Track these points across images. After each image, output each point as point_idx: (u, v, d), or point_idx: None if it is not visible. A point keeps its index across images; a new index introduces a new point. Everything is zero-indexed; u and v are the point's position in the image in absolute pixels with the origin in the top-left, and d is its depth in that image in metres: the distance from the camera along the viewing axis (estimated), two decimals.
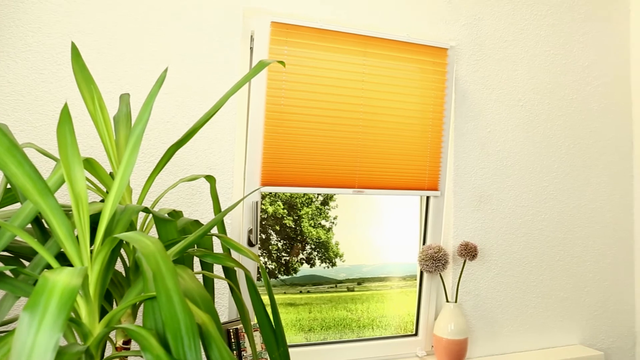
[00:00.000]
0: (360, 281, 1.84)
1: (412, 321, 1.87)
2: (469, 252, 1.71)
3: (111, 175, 0.96)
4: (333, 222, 1.82)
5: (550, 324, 1.97)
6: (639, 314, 2.08)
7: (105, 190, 0.99)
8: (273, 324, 0.84)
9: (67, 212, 0.79)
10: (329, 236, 1.81)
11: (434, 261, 1.65)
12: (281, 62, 0.88)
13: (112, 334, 0.95)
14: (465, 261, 1.78)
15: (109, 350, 1.31)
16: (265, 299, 0.88)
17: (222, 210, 1.43)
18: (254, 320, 1.50)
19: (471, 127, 1.86)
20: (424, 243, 1.85)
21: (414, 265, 1.85)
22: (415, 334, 1.85)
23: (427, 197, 1.85)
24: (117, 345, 0.81)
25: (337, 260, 1.82)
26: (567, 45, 2.06)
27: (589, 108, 2.09)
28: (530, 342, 1.95)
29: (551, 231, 1.99)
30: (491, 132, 1.89)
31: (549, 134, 2.00)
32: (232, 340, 1.36)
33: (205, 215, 1.51)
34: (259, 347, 1.36)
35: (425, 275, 1.84)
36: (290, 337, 1.73)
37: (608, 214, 2.09)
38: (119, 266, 1.30)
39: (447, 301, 1.71)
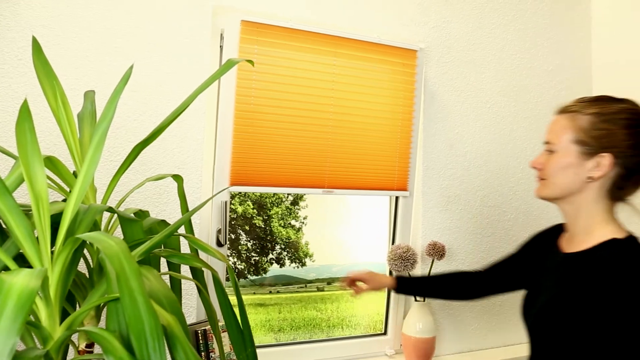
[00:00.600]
0: (330, 281, 1.85)
1: (382, 320, 1.89)
2: (437, 251, 1.74)
3: (74, 174, 0.93)
4: (303, 222, 1.82)
5: (515, 321, 2.01)
6: None
7: (68, 189, 0.97)
8: (241, 324, 0.84)
9: (27, 212, 0.76)
10: (298, 236, 1.81)
11: (402, 261, 1.67)
12: (250, 61, 0.88)
13: (75, 338, 0.93)
14: (433, 261, 1.80)
15: (72, 354, 1.28)
16: (234, 299, 0.87)
17: (190, 210, 1.41)
18: (222, 321, 1.48)
19: (440, 128, 1.89)
20: (393, 243, 1.87)
21: (383, 264, 1.87)
22: (384, 333, 1.87)
23: (397, 197, 1.87)
24: (80, 349, 0.79)
25: (307, 260, 1.82)
26: (532, 50, 2.11)
27: (553, 110, 2.14)
28: (496, 340, 1.99)
29: (517, 231, 2.03)
30: (459, 133, 1.93)
31: (515, 136, 2.05)
32: (200, 342, 1.35)
33: (173, 215, 1.48)
34: (227, 348, 1.34)
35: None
36: (260, 337, 1.72)
37: None
38: (82, 268, 1.27)
39: (416, 300, 1.73)
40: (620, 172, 0.98)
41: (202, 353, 1.34)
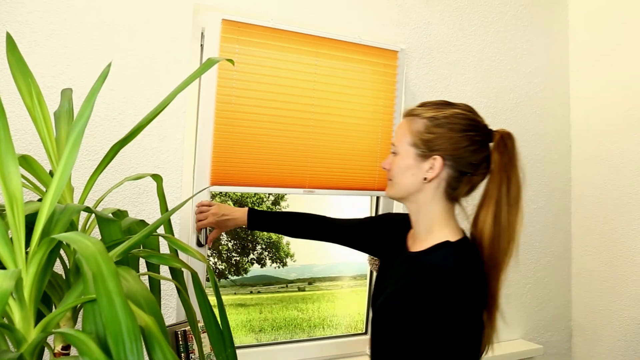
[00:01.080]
0: (311, 281, 1.85)
1: (362, 320, 1.90)
2: None
3: (51, 173, 0.92)
4: None
5: None
6: (575, 308, 2.20)
7: (44, 189, 0.95)
8: (220, 325, 0.83)
9: (0, 212, 0.75)
10: (279, 236, 1.80)
11: None
12: (230, 60, 0.87)
13: (51, 340, 0.91)
14: None
15: (47, 357, 1.25)
16: (214, 299, 0.87)
17: (170, 210, 1.40)
18: (202, 322, 1.47)
19: None
20: None
21: (364, 264, 1.87)
22: (365, 333, 1.88)
23: (377, 197, 1.88)
24: (56, 351, 0.77)
25: (288, 260, 1.82)
26: (511, 52, 2.15)
27: (531, 112, 2.19)
28: None
29: None
30: None
31: None
32: (180, 343, 1.33)
33: (153, 215, 1.47)
34: (207, 349, 1.33)
35: (374, 274, 1.87)
36: (241, 338, 1.71)
37: (548, 214, 2.20)
38: (59, 269, 1.25)
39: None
40: (451, 174, 1.02)
41: (182, 354, 1.33)
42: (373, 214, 1.89)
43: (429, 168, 1.02)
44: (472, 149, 1.02)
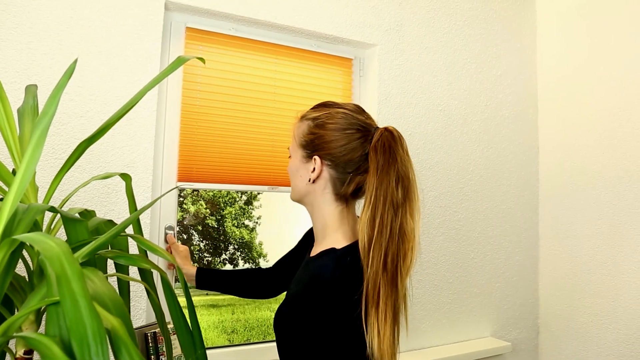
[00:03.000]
0: None
1: None
2: None
3: (13, 172, 0.89)
4: (257, 222, 1.81)
5: (464, 318, 2.08)
6: (542, 306, 2.26)
7: (6, 188, 0.92)
8: (190, 326, 0.82)
9: None
10: (252, 236, 1.79)
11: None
12: (201, 59, 0.86)
13: (13, 344, 0.88)
14: None
15: None
16: (184, 300, 0.86)
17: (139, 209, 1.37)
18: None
19: None
20: None
21: None
22: None
23: None
24: (17, 356, 0.75)
25: (261, 260, 1.81)
26: (481, 55, 2.19)
27: (501, 114, 2.23)
28: (446, 337, 2.04)
29: (466, 231, 2.10)
30: (412, 134, 1.96)
31: (465, 138, 2.12)
32: (150, 345, 1.31)
33: (122, 215, 1.44)
34: (177, 351, 1.32)
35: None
36: (213, 339, 1.69)
37: (517, 214, 2.25)
38: (22, 271, 1.21)
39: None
40: (334, 174, 1.00)
41: (152, 356, 1.31)
42: None
43: (312, 169, 1.01)
44: (349, 148, 0.98)
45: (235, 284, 1.39)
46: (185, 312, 0.84)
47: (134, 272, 1.40)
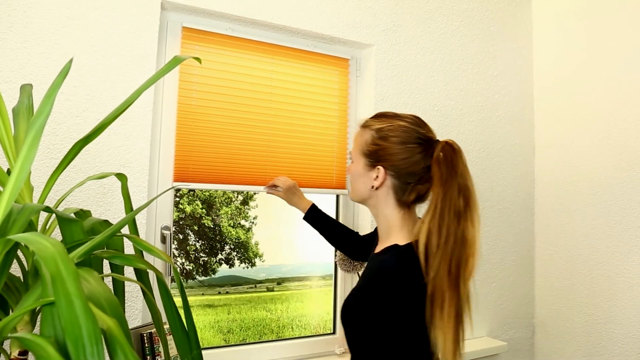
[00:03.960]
0: (279, 281, 1.85)
1: (331, 320, 1.90)
2: None
3: (8, 172, 0.88)
4: (253, 222, 1.81)
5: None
6: (538, 306, 2.26)
7: (1, 188, 0.92)
8: (186, 326, 0.82)
9: None
10: (248, 236, 1.79)
11: (350, 261, 1.69)
12: (197, 59, 0.86)
13: (7, 345, 0.88)
14: None
15: None
16: (179, 301, 0.86)
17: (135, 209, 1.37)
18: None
19: None
20: None
21: (332, 264, 1.88)
22: (334, 333, 1.88)
23: (337, 195, 1.91)
24: (12, 357, 0.75)
25: (257, 260, 1.81)
26: (478, 56, 2.19)
27: (497, 115, 2.23)
28: None
29: None
30: None
31: (462, 139, 2.12)
32: (146, 345, 1.31)
33: (118, 216, 1.43)
34: (174, 351, 1.31)
35: (340, 274, 1.87)
36: (209, 339, 1.69)
37: (512, 214, 2.25)
38: (17, 271, 1.20)
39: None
40: (396, 183, 1.07)
41: (148, 357, 1.31)
42: (337, 214, 1.91)
43: (375, 177, 1.08)
44: (412, 161, 1.05)
45: (337, 234, 1.55)
46: (181, 312, 0.84)
47: (129, 272, 1.40)
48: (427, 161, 1.05)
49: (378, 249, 1.11)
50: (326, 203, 1.92)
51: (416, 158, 1.05)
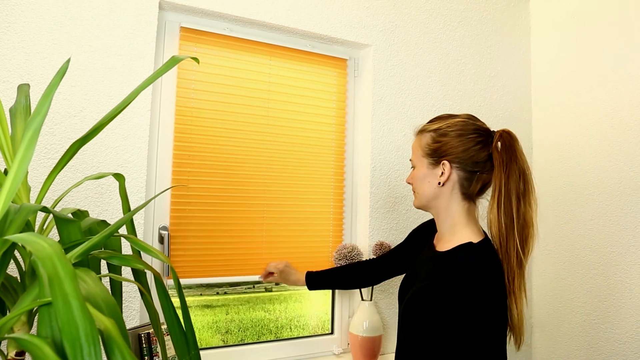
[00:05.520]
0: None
1: (329, 320, 1.90)
2: (383, 251, 1.77)
3: (5, 172, 0.88)
4: None
5: None
6: (536, 306, 2.27)
7: None
8: (184, 327, 0.82)
9: None
10: None
11: (347, 260, 1.69)
12: (195, 59, 0.86)
13: (4, 346, 0.88)
14: None
15: None
16: (177, 301, 0.85)
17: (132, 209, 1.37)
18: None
19: (387, 129, 1.93)
20: None
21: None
22: (332, 333, 1.88)
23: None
24: (9, 358, 0.74)
25: None
26: (476, 56, 2.19)
27: (495, 115, 2.24)
28: None
29: None
30: (406, 135, 1.97)
31: None
32: (144, 346, 1.31)
33: (115, 216, 1.43)
34: (171, 352, 1.31)
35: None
36: (207, 339, 1.69)
37: None
38: (14, 272, 1.20)
39: (362, 299, 1.75)
40: (462, 175, 1.13)
41: (146, 357, 1.30)
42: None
43: (440, 173, 1.13)
44: (475, 149, 1.11)
45: (342, 280, 1.57)
46: (179, 312, 0.84)
47: (127, 272, 1.40)
48: (487, 149, 1.13)
49: (444, 247, 1.14)
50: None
51: (478, 147, 1.12)
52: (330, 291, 1.90)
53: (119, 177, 1.02)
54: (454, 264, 1.07)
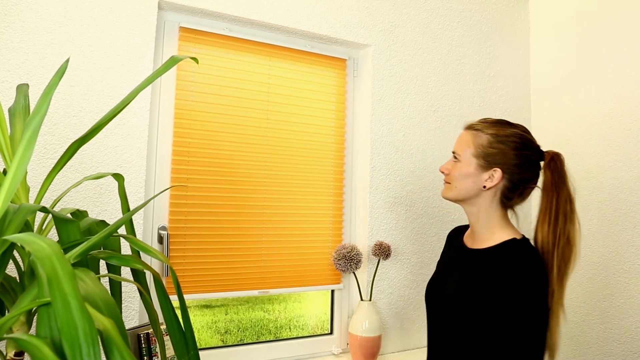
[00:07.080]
0: None
1: (328, 320, 1.90)
2: (382, 251, 1.77)
3: (4, 172, 0.88)
4: None
5: None
6: None
7: None
8: (183, 327, 0.82)
9: None
10: None
11: (346, 260, 1.69)
12: (194, 59, 0.86)
13: (3, 346, 0.88)
14: (379, 260, 1.83)
15: None
16: (177, 301, 0.85)
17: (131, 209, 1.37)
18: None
19: (386, 130, 1.93)
20: None
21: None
22: (331, 333, 1.88)
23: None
24: (8, 358, 0.74)
25: None
26: (475, 56, 2.19)
27: (494, 115, 2.24)
28: None
29: None
30: (405, 135, 1.97)
31: None
32: (143, 346, 1.31)
33: (114, 216, 1.43)
34: (170, 352, 1.31)
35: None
36: (206, 339, 1.69)
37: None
38: (13, 272, 1.20)
39: (362, 300, 1.75)
40: (507, 185, 1.16)
41: (145, 357, 1.30)
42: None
43: (488, 178, 1.16)
44: (526, 166, 1.15)
45: None
46: (178, 312, 0.84)
47: (126, 272, 1.39)
48: (538, 168, 1.16)
49: (482, 245, 1.18)
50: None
51: (529, 164, 1.15)
52: (329, 291, 1.90)
53: (118, 177, 1.02)
54: (501, 258, 1.11)
